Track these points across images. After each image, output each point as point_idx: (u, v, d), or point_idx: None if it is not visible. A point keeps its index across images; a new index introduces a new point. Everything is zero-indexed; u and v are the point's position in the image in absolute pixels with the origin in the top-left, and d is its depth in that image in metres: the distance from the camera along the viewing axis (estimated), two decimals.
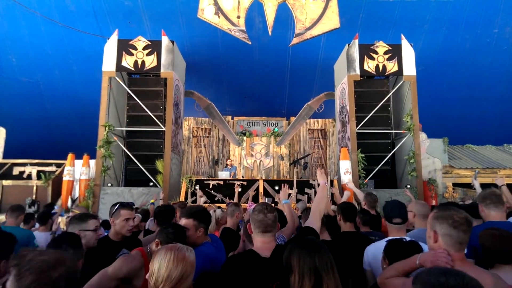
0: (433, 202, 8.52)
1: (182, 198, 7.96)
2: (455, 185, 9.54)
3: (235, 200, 7.00)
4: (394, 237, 2.44)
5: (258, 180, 8.49)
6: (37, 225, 4.58)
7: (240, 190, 7.48)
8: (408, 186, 8.34)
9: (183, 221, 2.53)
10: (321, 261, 1.65)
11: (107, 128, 8.14)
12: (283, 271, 1.79)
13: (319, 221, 2.62)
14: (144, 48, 8.49)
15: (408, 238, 2.30)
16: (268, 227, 2.12)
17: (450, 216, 1.75)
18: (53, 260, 1.18)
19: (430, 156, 9.43)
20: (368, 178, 8.57)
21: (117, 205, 2.85)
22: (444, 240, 1.73)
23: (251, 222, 2.19)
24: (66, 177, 8.11)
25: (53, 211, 5.12)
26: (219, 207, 4.59)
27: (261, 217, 2.12)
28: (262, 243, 2.12)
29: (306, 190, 8.06)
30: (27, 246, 3.38)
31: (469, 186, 9.51)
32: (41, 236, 4.18)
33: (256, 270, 1.98)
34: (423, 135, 9.43)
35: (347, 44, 8.94)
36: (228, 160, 10.08)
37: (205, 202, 5.90)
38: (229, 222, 3.68)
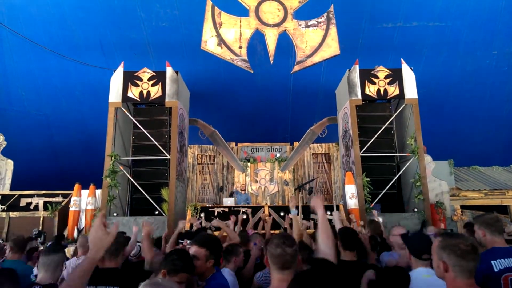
0: (442, 226, 8.36)
1: (187, 226, 7.91)
2: (463, 207, 9.39)
3: (238, 228, 6.77)
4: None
5: (263, 206, 8.43)
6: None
7: (245, 217, 7.36)
8: (416, 210, 8.24)
9: (193, 249, 2.33)
10: None
11: (113, 158, 8.24)
12: None
13: (331, 249, 2.31)
14: (149, 79, 8.70)
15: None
16: (287, 263, 1.86)
17: (457, 245, 1.73)
18: None
19: (437, 178, 9.33)
20: (374, 202, 8.46)
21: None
22: (454, 271, 1.72)
23: (268, 256, 1.94)
24: (72, 208, 8.14)
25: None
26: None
27: (279, 251, 1.86)
28: (279, 281, 1.84)
29: (312, 216, 7.97)
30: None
31: (478, 208, 9.35)
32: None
33: None
34: (428, 158, 9.38)
35: (347, 70, 9.07)
36: (239, 185, 9.84)
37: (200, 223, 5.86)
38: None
